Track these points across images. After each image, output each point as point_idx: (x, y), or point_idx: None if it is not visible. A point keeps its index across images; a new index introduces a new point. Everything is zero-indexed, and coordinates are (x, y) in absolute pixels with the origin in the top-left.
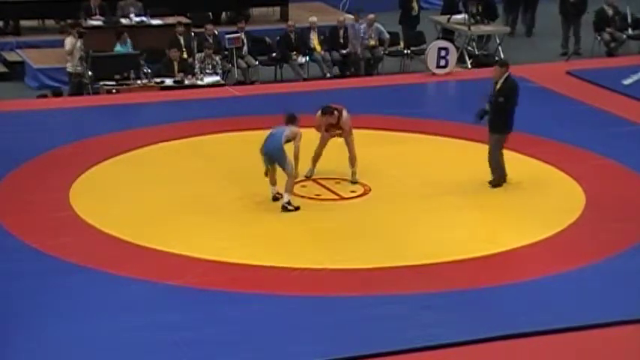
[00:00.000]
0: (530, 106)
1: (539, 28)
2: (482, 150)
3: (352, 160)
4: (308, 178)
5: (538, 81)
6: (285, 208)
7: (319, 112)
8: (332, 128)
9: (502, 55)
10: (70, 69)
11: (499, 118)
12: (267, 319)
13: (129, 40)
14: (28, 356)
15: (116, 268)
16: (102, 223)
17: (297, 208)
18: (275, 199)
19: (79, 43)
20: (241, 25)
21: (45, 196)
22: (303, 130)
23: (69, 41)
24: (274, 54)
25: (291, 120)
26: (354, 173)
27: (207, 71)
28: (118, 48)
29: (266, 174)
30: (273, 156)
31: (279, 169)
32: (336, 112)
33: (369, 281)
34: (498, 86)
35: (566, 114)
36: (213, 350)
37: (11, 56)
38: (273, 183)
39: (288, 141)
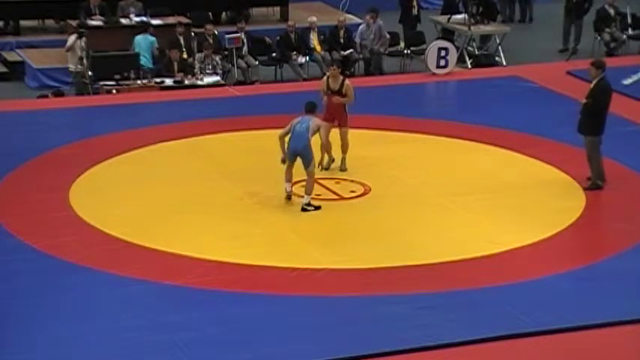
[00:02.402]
0: (530, 106)
1: (539, 28)
2: (482, 150)
3: (344, 148)
4: (327, 169)
5: (538, 81)
6: (304, 210)
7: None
8: (333, 96)
9: (502, 55)
10: (72, 67)
11: (588, 120)
12: (267, 319)
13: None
14: (28, 356)
15: (116, 268)
16: (102, 223)
17: (317, 208)
18: (289, 197)
19: (79, 43)
20: (241, 25)
21: (45, 196)
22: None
23: (71, 39)
24: (274, 54)
25: (311, 109)
26: (343, 160)
27: (207, 71)
28: (151, 39)
29: (283, 161)
30: (301, 154)
31: (296, 166)
32: (342, 77)
33: (369, 281)
34: (591, 87)
35: (566, 114)
36: (213, 350)
37: (11, 56)
38: (289, 180)
39: (313, 134)
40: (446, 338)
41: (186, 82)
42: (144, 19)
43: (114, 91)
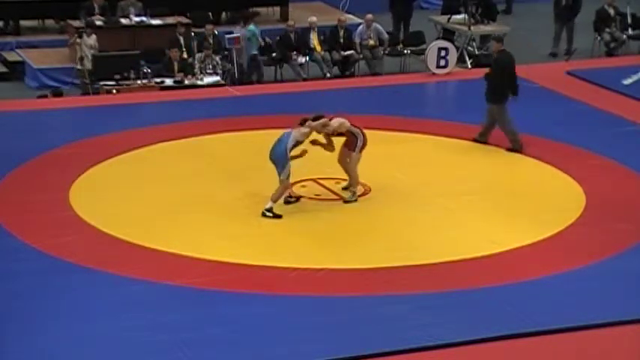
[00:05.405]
0: (530, 106)
1: (539, 28)
2: (482, 150)
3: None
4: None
5: (538, 81)
6: (264, 215)
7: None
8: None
9: None
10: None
11: (491, 90)
12: (267, 319)
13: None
14: (28, 356)
15: (116, 268)
16: (102, 223)
17: (277, 216)
18: (287, 202)
19: (79, 41)
20: (241, 25)
21: (45, 196)
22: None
23: (72, 38)
24: (274, 54)
25: (312, 119)
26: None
27: (208, 71)
28: (252, 28)
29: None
30: (274, 161)
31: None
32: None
33: (369, 281)
34: (492, 60)
35: (566, 114)
36: (213, 350)
37: (11, 56)
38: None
39: (297, 143)
40: (446, 338)
41: (186, 82)
42: (144, 18)
43: (114, 91)
